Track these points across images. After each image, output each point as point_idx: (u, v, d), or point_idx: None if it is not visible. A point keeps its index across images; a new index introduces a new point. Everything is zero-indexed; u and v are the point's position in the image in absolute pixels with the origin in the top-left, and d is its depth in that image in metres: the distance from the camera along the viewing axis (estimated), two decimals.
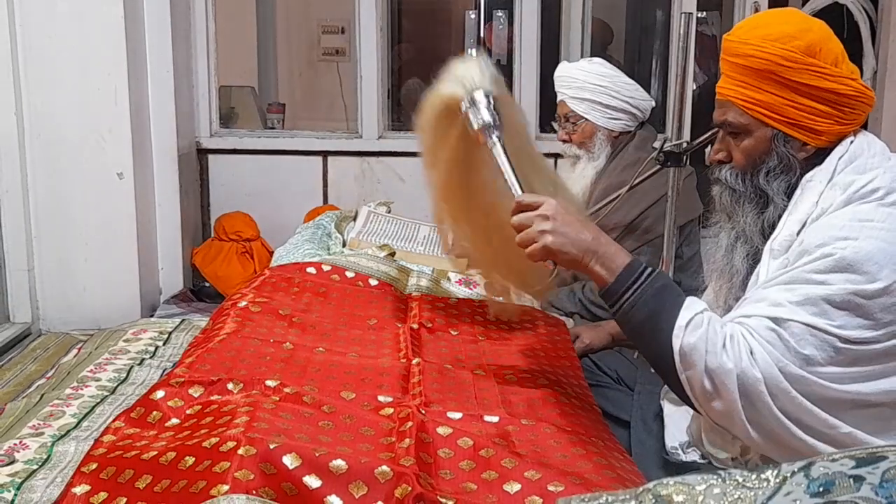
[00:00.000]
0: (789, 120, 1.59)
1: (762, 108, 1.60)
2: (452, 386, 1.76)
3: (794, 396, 1.44)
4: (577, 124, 2.77)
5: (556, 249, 1.60)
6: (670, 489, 0.74)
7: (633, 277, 1.57)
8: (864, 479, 0.71)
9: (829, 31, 1.62)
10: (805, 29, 1.59)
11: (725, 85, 1.65)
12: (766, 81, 1.59)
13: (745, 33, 1.62)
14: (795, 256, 1.51)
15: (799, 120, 1.59)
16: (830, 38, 1.60)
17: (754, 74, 1.59)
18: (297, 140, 4.16)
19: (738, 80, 1.62)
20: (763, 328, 1.47)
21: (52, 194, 3.37)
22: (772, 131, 1.61)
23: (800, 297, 1.46)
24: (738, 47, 1.62)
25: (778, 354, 1.45)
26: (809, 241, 1.50)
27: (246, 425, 1.41)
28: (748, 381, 1.45)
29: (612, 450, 1.62)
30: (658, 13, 5.18)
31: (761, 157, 1.63)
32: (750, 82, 1.60)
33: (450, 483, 1.38)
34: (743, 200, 1.66)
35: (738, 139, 1.65)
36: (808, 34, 1.58)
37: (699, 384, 1.48)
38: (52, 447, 1.58)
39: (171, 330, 2.42)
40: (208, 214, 4.12)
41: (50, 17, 3.25)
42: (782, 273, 1.52)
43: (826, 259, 1.46)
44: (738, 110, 1.63)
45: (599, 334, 2.25)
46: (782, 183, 1.62)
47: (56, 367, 2.33)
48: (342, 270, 2.39)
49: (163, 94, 3.63)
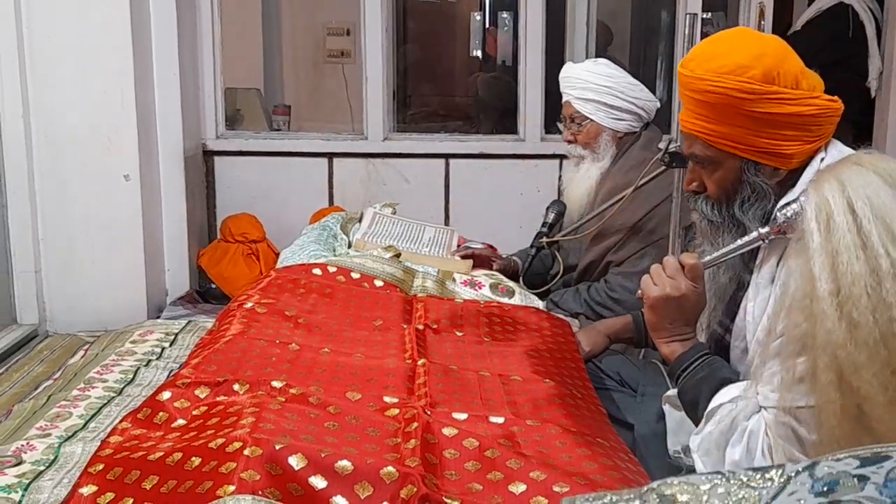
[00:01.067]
0: (756, 149, 1.57)
1: (727, 140, 1.58)
2: (458, 387, 1.76)
3: None
4: (581, 125, 2.77)
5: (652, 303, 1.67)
6: (674, 489, 0.74)
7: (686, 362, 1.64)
8: (869, 478, 0.71)
9: (784, 49, 1.58)
10: (759, 55, 1.54)
11: (687, 118, 1.63)
12: (726, 114, 1.56)
13: (699, 67, 1.58)
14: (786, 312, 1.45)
15: (767, 147, 1.56)
16: (787, 58, 1.56)
17: (713, 108, 1.57)
18: (302, 142, 4.17)
19: (698, 114, 1.60)
20: (777, 423, 1.45)
21: (58, 196, 3.37)
22: (741, 161, 1.59)
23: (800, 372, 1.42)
24: (693, 83, 1.58)
25: (792, 450, 1.44)
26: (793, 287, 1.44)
27: (252, 426, 1.41)
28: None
29: (617, 450, 1.62)
30: (663, 14, 5.18)
31: (734, 186, 1.62)
32: (711, 116, 1.58)
33: (455, 484, 1.38)
34: (721, 230, 1.66)
35: (707, 171, 1.64)
36: (762, 60, 1.53)
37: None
38: (60, 448, 1.59)
39: (178, 331, 2.43)
40: (214, 216, 4.12)
41: (56, 19, 3.26)
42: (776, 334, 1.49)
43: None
44: (704, 143, 1.61)
45: (596, 338, 2.25)
46: (758, 211, 1.61)
47: (63, 369, 2.33)
48: (348, 272, 2.40)
49: (169, 96, 3.63)
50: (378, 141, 4.10)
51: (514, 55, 4.61)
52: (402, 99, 6.03)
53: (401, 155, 4.10)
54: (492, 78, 5.94)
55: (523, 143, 4.09)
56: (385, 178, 4.10)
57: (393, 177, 4.09)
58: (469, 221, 3.88)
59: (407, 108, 6.23)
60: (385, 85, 4.10)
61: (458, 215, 4.08)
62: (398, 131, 4.36)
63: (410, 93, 6.46)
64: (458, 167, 4.10)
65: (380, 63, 4.04)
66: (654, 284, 1.67)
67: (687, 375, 1.63)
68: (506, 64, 5.93)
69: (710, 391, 1.58)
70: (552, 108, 3.57)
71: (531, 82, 4.07)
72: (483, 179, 4.08)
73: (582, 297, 2.68)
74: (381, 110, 4.08)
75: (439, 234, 3.10)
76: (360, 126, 4.19)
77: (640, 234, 2.68)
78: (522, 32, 4.09)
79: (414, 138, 4.25)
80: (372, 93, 4.08)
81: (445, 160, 4.10)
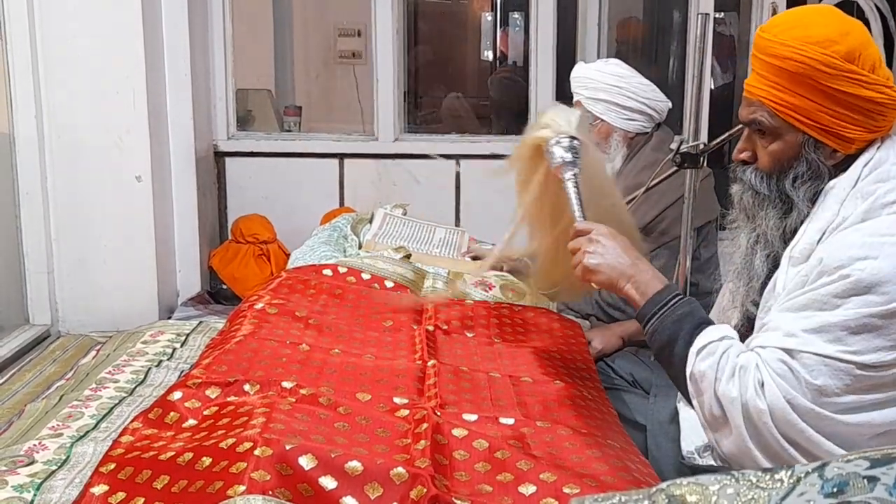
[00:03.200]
0: (822, 126, 1.54)
1: (795, 112, 1.55)
2: (468, 388, 1.76)
3: (802, 429, 1.44)
4: (592, 125, 2.76)
5: (594, 270, 1.69)
6: (683, 489, 0.74)
7: (659, 303, 1.63)
8: (879, 479, 0.70)
9: (867, 34, 1.57)
10: (845, 32, 1.53)
11: (757, 84, 1.59)
12: (801, 86, 1.53)
13: (783, 32, 1.55)
14: (815, 276, 1.48)
15: (832, 127, 1.54)
16: (869, 42, 1.55)
17: (790, 77, 1.53)
18: (313, 143, 4.18)
19: (770, 81, 1.56)
20: (775, 360, 1.46)
21: (71, 197, 3.39)
22: (803, 136, 1.56)
23: (815, 325, 1.45)
24: (774, 47, 1.55)
25: (788, 387, 1.44)
26: (828, 262, 1.46)
27: (262, 426, 1.41)
28: (753, 412, 1.46)
29: (628, 452, 1.61)
30: (675, 14, 5.17)
31: (789, 161, 1.58)
32: (784, 85, 1.54)
33: (465, 485, 1.38)
34: (766, 204, 1.62)
35: (765, 140, 1.60)
36: (848, 38, 1.52)
37: (708, 410, 1.52)
38: (71, 448, 1.59)
39: (189, 332, 2.43)
40: (225, 217, 4.14)
41: (69, 21, 3.28)
42: (800, 294, 1.49)
43: (844, 281, 1.43)
44: (769, 112, 1.57)
45: (610, 338, 2.25)
46: (809, 190, 1.58)
47: (75, 369, 2.34)
48: (358, 272, 2.40)
49: (181, 97, 3.65)
50: (389, 142, 4.10)
51: (525, 56, 4.61)
52: (414, 100, 6.04)
53: (411, 156, 4.10)
54: (504, 78, 5.94)
55: None
56: (396, 179, 4.10)
57: (404, 178, 4.10)
58: (480, 222, 3.88)
59: (418, 109, 6.23)
60: (396, 86, 4.10)
61: (468, 216, 4.08)
62: (409, 132, 4.36)
63: (422, 94, 6.47)
64: (469, 168, 4.10)
65: (391, 64, 4.05)
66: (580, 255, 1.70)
67: (665, 312, 1.61)
68: (517, 64, 5.93)
69: (692, 328, 1.57)
70: None
71: (542, 83, 4.07)
72: (494, 180, 4.07)
73: (593, 298, 2.67)
74: (391, 111, 4.09)
75: (450, 234, 3.09)
76: (370, 127, 4.20)
77: (651, 235, 2.67)
78: (533, 33, 4.09)
79: (425, 139, 4.25)
80: (383, 94, 4.08)
81: (456, 161, 4.11)
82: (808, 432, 1.44)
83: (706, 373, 1.51)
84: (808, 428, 1.44)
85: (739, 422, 1.46)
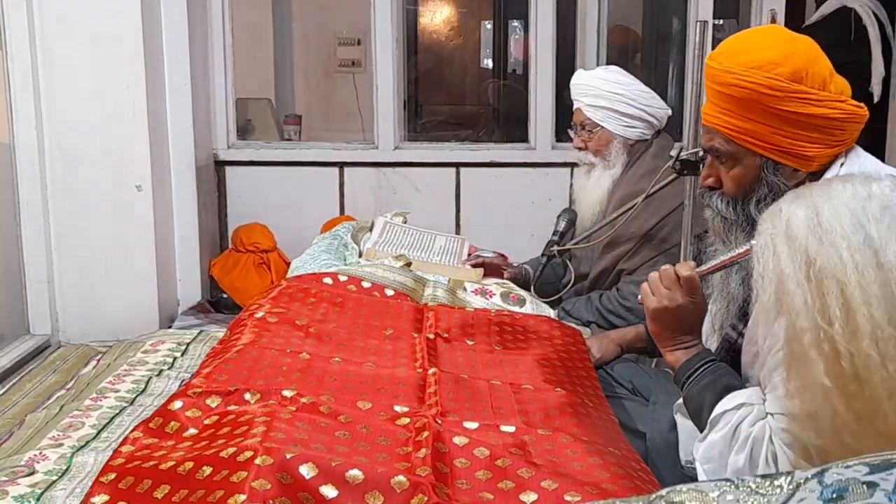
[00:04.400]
0: (778, 148, 1.56)
1: (749, 136, 1.57)
2: (468, 396, 1.76)
3: None
4: (592, 132, 2.76)
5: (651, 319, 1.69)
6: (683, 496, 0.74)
7: (689, 370, 1.64)
8: (878, 485, 0.70)
9: (815, 51, 1.58)
10: (789, 53, 1.54)
11: (710, 112, 1.62)
12: (751, 110, 1.55)
13: (728, 60, 1.57)
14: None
15: (788, 147, 1.55)
16: (817, 59, 1.56)
17: (738, 103, 1.56)
18: (313, 151, 4.18)
19: (722, 108, 1.59)
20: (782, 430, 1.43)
21: (71, 206, 3.39)
22: (760, 159, 1.58)
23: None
24: (720, 75, 1.57)
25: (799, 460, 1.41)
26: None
27: (263, 435, 1.41)
28: None
29: (629, 459, 1.61)
30: (674, 21, 5.18)
31: (751, 184, 1.61)
32: (734, 110, 1.57)
33: (466, 493, 1.38)
34: (734, 228, 1.65)
35: (725, 167, 1.63)
36: (792, 59, 1.53)
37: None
38: (72, 458, 1.59)
39: (189, 341, 2.43)
40: (226, 226, 4.14)
41: (69, 31, 3.28)
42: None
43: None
44: (724, 137, 1.60)
45: (608, 346, 2.25)
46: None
47: (75, 379, 2.34)
48: (358, 281, 2.40)
49: (181, 106, 3.65)
50: (389, 150, 4.10)
51: (525, 62, 4.62)
52: (413, 108, 6.05)
53: (412, 164, 4.10)
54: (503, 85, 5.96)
55: (534, 151, 4.09)
56: (396, 188, 4.10)
57: (404, 186, 4.10)
58: (480, 230, 3.88)
59: (418, 117, 6.24)
60: (396, 94, 4.11)
61: (468, 224, 4.08)
62: (409, 140, 4.36)
63: (421, 102, 6.47)
64: (469, 176, 4.10)
65: (390, 72, 4.05)
66: (652, 295, 1.68)
67: (691, 382, 1.63)
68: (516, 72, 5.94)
69: (714, 398, 1.57)
70: (563, 116, 3.57)
71: (542, 90, 4.07)
72: (494, 188, 4.08)
73: (594, 305, 2.67)
74: (391, 119, 4.09)
75: (450, 242, 3.09)
76: (370, 135, 4.20)
77: (651, 243, 2.67)
78: (533, 40, 4.10)
79: (425, 147, 4.26)
80: (383, 102, 4.09)
81: (456, 169, 4.11)
82: None
83: (716, 443, 1.52)
84: None
85: None
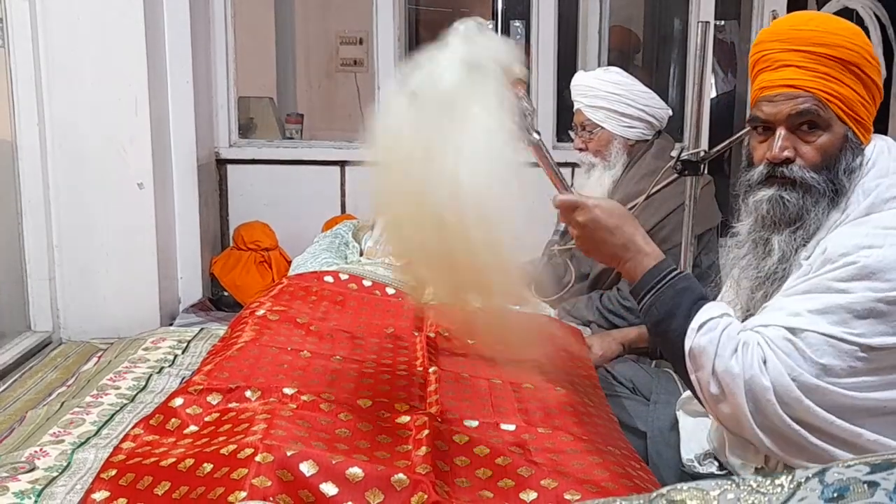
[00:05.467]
0: (857, 118, 1.54)
1: (842, 102, 1.53)
2: (469, 394, 1.76)
3: (807, 405, 1.44)
4: (593, 133, 2.77)
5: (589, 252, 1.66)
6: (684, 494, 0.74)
7: (656, 278, 1.59)
8: (879, 484, 0.70)
9: None
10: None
11: (803, 77, 1.53)
12: (848, 74, 1.52)
13: (823, 24, 1.54)
14: (818, 265, 1.49)
15: (863, 119, 1.55)
16: None
17: (840, 66, 1.52)
18: (315, 150, 4.18)
19: (819, 73, 1.52)
20: (779, 338, 1.46)
21: (73, 204, 3.40)
22: (844, 128, 1.55)
23: (820, 305, 1.44)
24: (822, 37, 1.52)
25: (792, 364, 1.44)
26: (832, 250, 1.47)
27: (263, 433, 1.42)
28: (756, 389, 1.45)
29: (629, 458, 1.61)
30: (676, 22, 5.18)
31: (835, 154, 1.54)
32: (833, 74, 1.52)
33: (466, 491, 1.38)
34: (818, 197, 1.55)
35: (812, 135, 1.55)
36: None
37: (707, 386, 1.49)
38: (72, 454, 1.59)
39: (190, 339, 2.43)
40: (227, 224, 4.14)
41: (71, 28, 3.28)
42: (804, 281, 1.50)
43: (849, 267, 1.44)
44: (821, 103, 1.53)
45: (610, 344, 2.25)
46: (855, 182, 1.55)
47: (76, 376, 2.34)
48: (359, 279, 2.40)
49: (183, 104, 3.65)
50: None
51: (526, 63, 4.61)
52: None
53: None
54: None
55: None
56: None
57: None
58: None
59: None
60: None
61: None
62: None
63: None
64: None
65: (392, 72, 4.05)
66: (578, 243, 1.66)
67: (663, 286, 1.57)
68: None
69: (691, 303, 1.54)
70: (564, 117, 3.57)
71: (543, 91, 4.07)
72: None
73: (594, 305, 2.67)
74: None
75: None
76: None
77: None
78: (534, 41, 4.10)
79: None
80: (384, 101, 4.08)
81: None
82: (813, 408, 1.43)
83: (706, 348, 1.49)
84: (813, 404, 1.43)
85: (741, 400, 1.45)
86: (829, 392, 1.44)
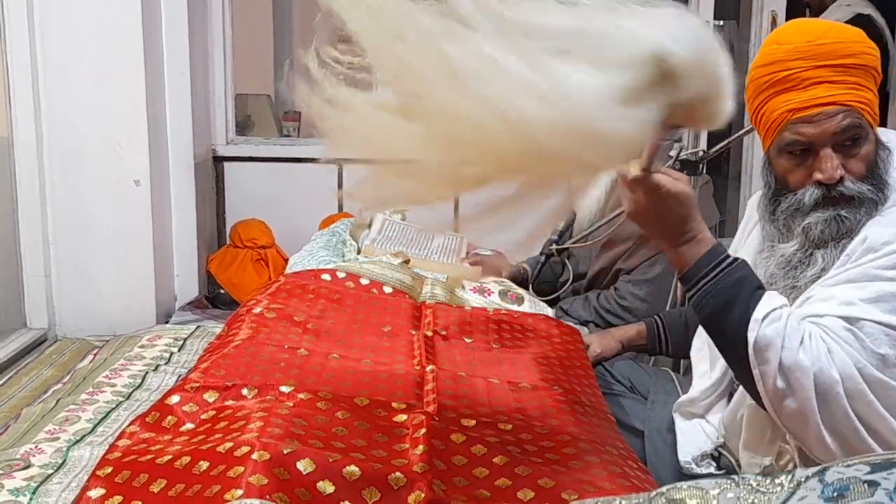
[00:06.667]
0: (876, 121, 1.55)
1: (869, 107, 1.53)
2: (466, 393, 1.76)
3: (871, 400, 1.39)
4: None
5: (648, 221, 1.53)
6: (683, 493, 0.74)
7: (711, 264, 1.49)
8: (879, 484, 0.70)
9: None
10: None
11: (837, 91, 1.51)
12: (869, 78, 1.52)
13: (838, 34, 1.53)
14: (859, 254, 1.46)
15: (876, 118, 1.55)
16: None
17: (863, 73, 1.52)
18: (312, 148, 4.17)
19: (850, 84, 1.51)
20: (839, 328, 1.41)
21: (69, 201, 3.39)
22: (873, 134, 1.55)
23: (871, 294, 1.41)
24: (846, 47, 1.51)
25: (857, 355, 1.39)
26: (874, 239, 1.45)
27: (260, 430, 1.41)
28: (825, 382, 1.39)
29: (626, 458, 1.61)
30: None
31: (875, 160, 1.54)
32: (861, 82, 1.51)
33: (463, 490, 1.38)
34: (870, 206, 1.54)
35: (855, 148, 1.53)
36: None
37: (772, 381, 1.42)
38: (68, 452, 1.59)
39: (187, 336, 2.43)
40: (224, 222, 4.13)
41: (68, 25, 3.28)
42: (845, 270, 1.46)
43: (894, 255, 1.42)
44: (859, 115, 1.52)
45: (609, 342, 2.25)
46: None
47: (72, 373, 2.34)
48: (357, 277, 2.40)
49: (180, 102, 3.65)
50: None
51: None
52: None
53: None
54: None
55: None
56: None
57: None
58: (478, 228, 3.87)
59: None
60: None
61: None
62: None
63: None
64: None
65: None
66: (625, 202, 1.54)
67: (719, 275, 1.48)
68: None
69: (751, 292, 1.47)
70: None
71: None
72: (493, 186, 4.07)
73: (591, 304, 2.68)
74: None
75: (448, 240, 3.09)
76: None
77: (650, 242, 2.67)
78: None
79: None
80: None
81: None
82: (875, 404, 1.39)
83: (773, 340, 1.41)
84: (875, 400, 1.39)
85: (810, 394, 1.39)
86: (889, 388, 1.40)
